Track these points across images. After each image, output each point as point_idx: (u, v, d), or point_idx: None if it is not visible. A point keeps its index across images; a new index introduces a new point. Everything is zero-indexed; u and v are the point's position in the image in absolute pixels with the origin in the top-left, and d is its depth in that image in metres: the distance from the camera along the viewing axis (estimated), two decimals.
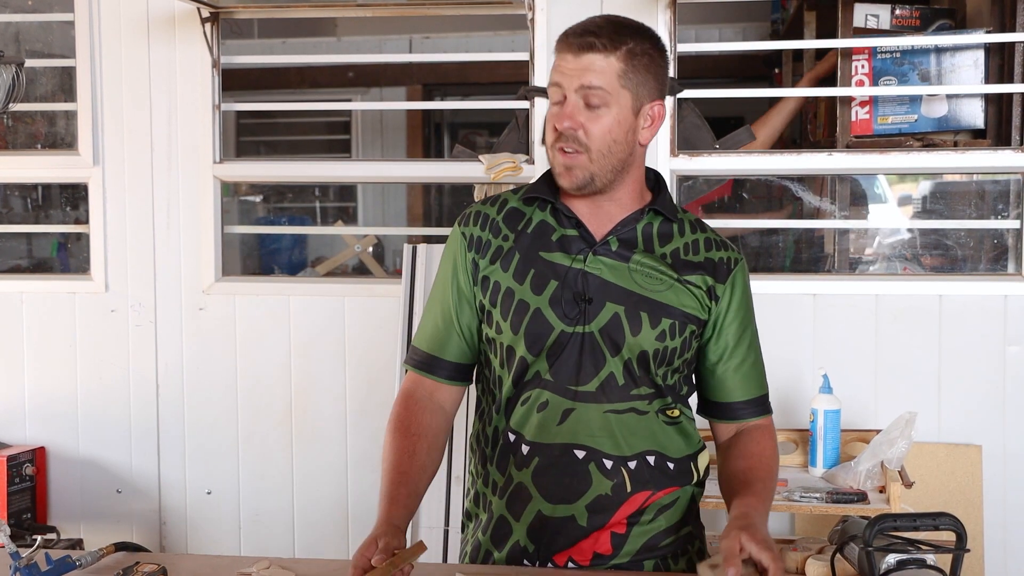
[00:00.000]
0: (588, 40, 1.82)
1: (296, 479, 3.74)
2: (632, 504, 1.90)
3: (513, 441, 1.92)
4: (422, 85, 5.98)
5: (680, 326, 1.89)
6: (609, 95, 1.82)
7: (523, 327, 1.87)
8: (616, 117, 1.84)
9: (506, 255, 1.92)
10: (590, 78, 1.81)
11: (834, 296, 3.45)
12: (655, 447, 1.91)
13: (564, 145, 1.84)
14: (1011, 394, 3.39)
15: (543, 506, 1.89)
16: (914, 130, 3.52)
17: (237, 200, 5.27)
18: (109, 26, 3.71)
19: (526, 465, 1.90)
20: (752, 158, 3.56)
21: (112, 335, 3.78)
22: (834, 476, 2.95)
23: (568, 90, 1.83)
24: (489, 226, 1.95)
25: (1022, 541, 3.39)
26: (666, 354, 1.89)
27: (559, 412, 1.87)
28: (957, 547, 1.72)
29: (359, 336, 3.67)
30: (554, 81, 1.86)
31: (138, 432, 3.79)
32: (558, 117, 1.84)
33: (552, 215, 1.94)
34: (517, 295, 1.88)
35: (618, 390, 1.88)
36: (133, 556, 1.96)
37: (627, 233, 1.91)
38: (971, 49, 3.49)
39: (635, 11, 3.35)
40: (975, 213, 3.69)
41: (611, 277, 1.88)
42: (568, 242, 1.90)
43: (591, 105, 1.82)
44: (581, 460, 1.87)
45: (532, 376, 1.89)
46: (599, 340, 1.86)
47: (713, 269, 1.93)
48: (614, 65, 1.82)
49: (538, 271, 1.89)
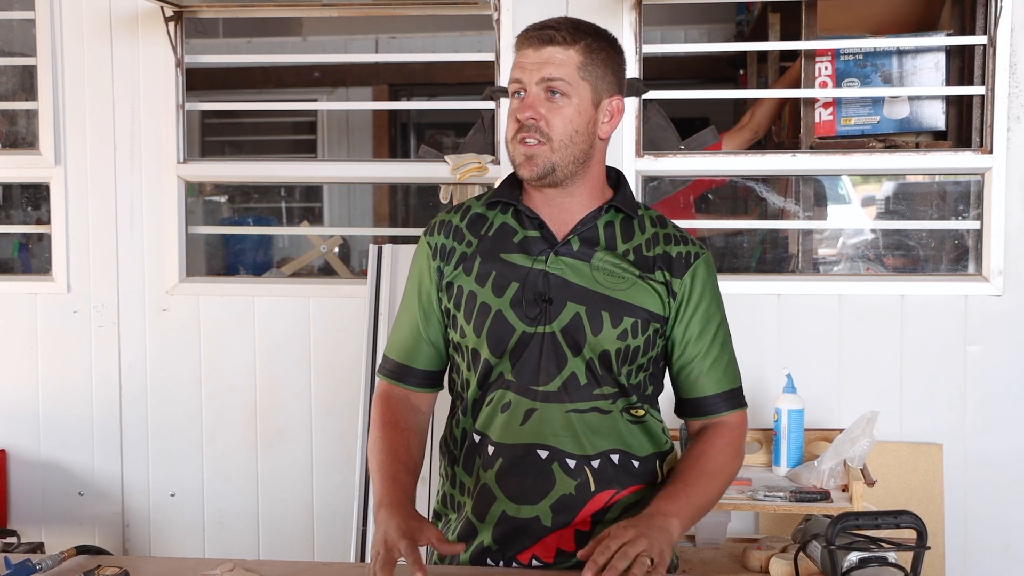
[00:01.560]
0: (548, 34, 1.86)
1: (261, 480, 3.72)
2: (596, 503, 1.90)
3: (479, 442, 1.92)
4: (388, 85, 5.97)
5: (642, 324, 1.89)
6: (569, 86, 1.85)
7: (485, 329, 1.88)
8: (577, 108, 1.87)
9: (468, 259, 1.93)
10: (550, 70, 1.85)
11: (798, 296, 3.48)
12: (619, 445, 1.91)
13: (526, 135, 1.86)
14: (971, 393, 3.42)
15: (508, 507, 1.89)
16: (877, 131, 3.55)
17: (202, 200, 5.24)
18: (71, 24, 3.68)
19: (491, 466, 1.90)
20: (717, 159, 3.58)
21: (74, 336, 3.74)
22: (798, 475, 2.97)
23: (529, 84, 1.86)
24: (452, 233, 1.97)
25: (982, 538, 3.43)
26: (628, 353, 1.89)
27: (522, 412, 1.88)
28: (918, 545, 1.73)
29: (324, 337, 3.66)
30: (515, 77, 1.89)
31: (101, 434, 3.75)
32: (520, 108, 1.87)
33: (514, 217, 1.95)
34: (479, 298, 1.89)
35: (580, 389, 1.88)
36: (95, 559, 1.94)
37: (588, 232, 1.92)
38: (932, 52, 3.53)
39: (600, 12, 3.36)
40: (936, 214, 3.73)
41: (572, 277, 1.89)
42: (529, 243, 1.92)
43: (552, 96, 1.86)
44: (544, 460, 1.88)
45: (496, 377, 1.90)
46: (560, 340, 1.87)
47: (670, 264, 1.93)
48: (573, 58, 1.86)
49: (499, 273, 1.90)
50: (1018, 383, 3.40)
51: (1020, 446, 3.41)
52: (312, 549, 3.69)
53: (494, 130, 3.55)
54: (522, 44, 1.89)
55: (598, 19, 1.91)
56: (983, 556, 3.43)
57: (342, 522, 3.58)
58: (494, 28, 3.51)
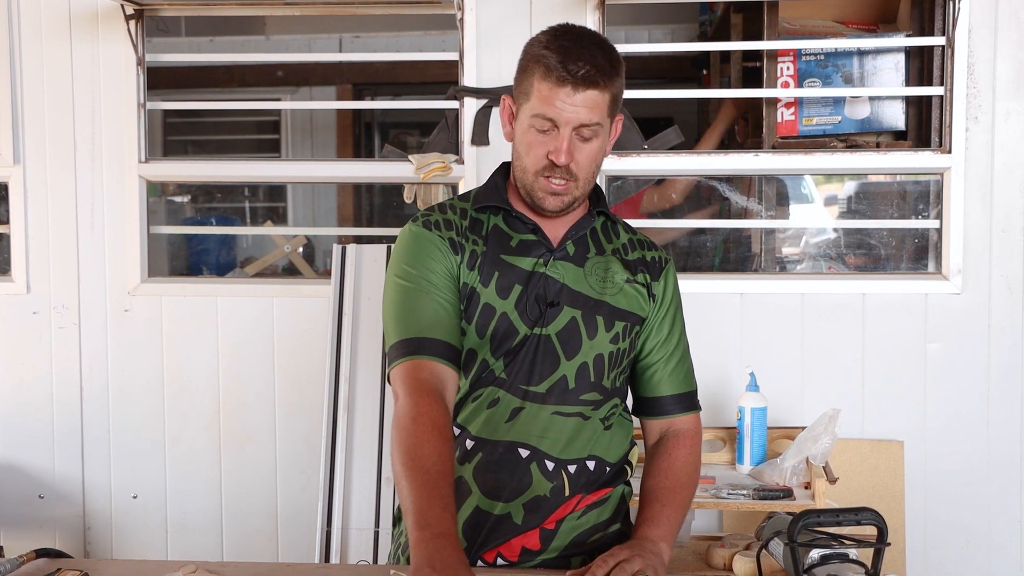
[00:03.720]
0: (590, 75, 1.79)
1: (224, 482, 3.70)
2: (567, 507, 1.92)
3: (458, 436, 1.93)
4: (352, 84, 5.94)
5: (630, 328, 1.95)
6: (601, 127, 1.85)
7: (489, 331, 1.89)
8: (601, 144, 1.88)
9: (477, 259, 1.92)
10: (590, 115, 1.82)
11: (761, 295, 3.50)
12: (597, 453, 1.94)
13: (555, 176, 1.85)
14: (931, 391, 3.46)
15: (481, 501, 1.90)
16: (838, 131, 3.58)
17: (164, 200, 5.20)
18: (29, 22, 3.63)
19: (468, 460, 1.91)
20: (680, 159, 3.59)
21: (34, 337, 3.70)
22: (761, 473, 2.98)
23: (563, 125, 1.82)
24: (459, 232, 1.95)
25: (942, 534, 3.46)
26: (618, 356, 1.94)
27: (508, 410, 1.89)
28: (879, 541, 1.75)
29: (288, 337, 3.64)
30: (545, 115, 1.82)
31: (61, 436, 3.72)
32: (554, 152, 1.83)
33: (505, 221, 1.96)
34: (483, 299, 1.90)
35: (567, 393, 1.90)
36: (55, 562, 1.92)
37: (580, 237, 1.96)
38: (892, 52, 3.56)
39: (564, 11, 3.37)
40: (897, 213, 3.76)
41: (570, 281, 1.92)
42: (528, 246, 1.93)
43: (584, 138, 1.84)
44: (524, 459, 1.89)
45: (487, 374, 1.91)
46: (555, 343, 1.89)
47: (648, 268, 1.99)
48: (607, 98, 1.83)
49: (502, 274, 1.91)
50: (977, 380, 3.44)
51: (980, 443, 3.45)
52: (276, 550, 3.67)
53: (458, 130, 3.55)
54: (558, 81, 1.80)
55: (561, 19, 1.91)
56: (943, 552, 3.47)
57: (306, 523, 3.56)
58: (458, 28, 3.50)
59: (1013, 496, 3.45)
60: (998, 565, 3.46)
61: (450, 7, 3.50)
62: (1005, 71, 3.37)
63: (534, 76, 1.83)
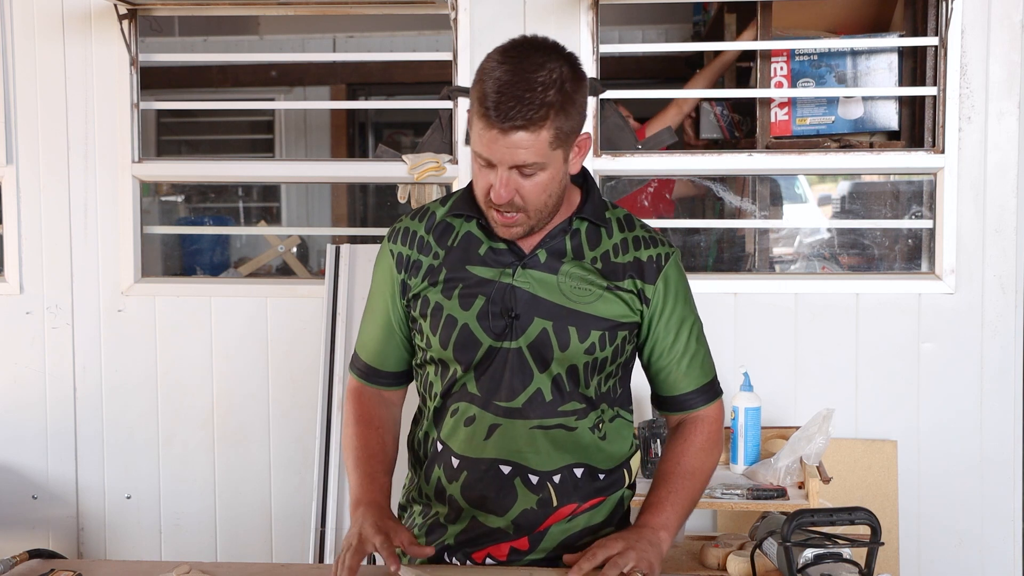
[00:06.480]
0: (515, 122, 1.69)
1: (218, 482, 3.69)
2: (558, 516, 1.91)
3: (442, 451, 1.92)
4: (346, 84, 5.93)
5: (610, 335, 1.87)
6: (542, 162, 1.75)
7: (452, 342, 1.86)
8: (551, 174, 1.78)
9: (435, 272, 1.90)
10: (522, 156, 1.72)
11: (755, 295, 3.50)
12: (583, 460, 1.91)
13: (501, 209, 1.78)
14: (925, 390, 3.46)
15: (474, 516, 1.91)
16: (831, 131, 3.59)
17: (158, 200, 5.19)
18: (22, 21, 3.63)
19: (456, 478, 1.90)
20: (674, 158, 3.59)
21: (28, 338, 3.69)
22: (755, 473, 2.99)
23: (499, 165, 1.74)
24: (417, 244, 1.92)
25: (936, 533, 3.47)
26: (597, 364, 1.88)
27: (485, 427, 1.87)
28: (872, 541, 1.75)
29: (282, 337, 3.64)
30: (482, 154, 1.75)
31: (55, 436, 3.71)
32: (495, 192, 1.76)
33: (479, 227, 1.90)
34: (445, 310, 1.87)
35: (545, 406, 1.87)
36: (48, 563, 1.92)
37: (556, 243, 1.89)
38: (885, 52, 3.56)
39: (557, 12, 3.37)
40: (890, 213, 3.77)
41: (540, 291, 1.85)
42: (497, 255, 1.88)
43: (525, 175, 1.76)
44: (507, 475, 1.88)
45: (459, 389, 1.89)
46: (527, 356, 1.85)
47: (641, 271, 1.90)
48: (544, 137, 1.72)
49: (466, 286, 1.87)
50: (970, 380, 3.45)
51: (973, 442, 3.45)
52: (270, 551, 3.66)
53: (452, 130, 3.55)
54: (488, 123, 1.71)
55: (555, 19, 1.90)
56: (937, 551, 3.47)
57: (300, 523, 3.56)
58: (452, 27, 3.51)
59: (1006, 496, 3.45)
60: (991, 565, 3.47)
61: (444, 7, 3.50)
62: (998, 71, 3.38)
63: (474, 106, 1.75)
